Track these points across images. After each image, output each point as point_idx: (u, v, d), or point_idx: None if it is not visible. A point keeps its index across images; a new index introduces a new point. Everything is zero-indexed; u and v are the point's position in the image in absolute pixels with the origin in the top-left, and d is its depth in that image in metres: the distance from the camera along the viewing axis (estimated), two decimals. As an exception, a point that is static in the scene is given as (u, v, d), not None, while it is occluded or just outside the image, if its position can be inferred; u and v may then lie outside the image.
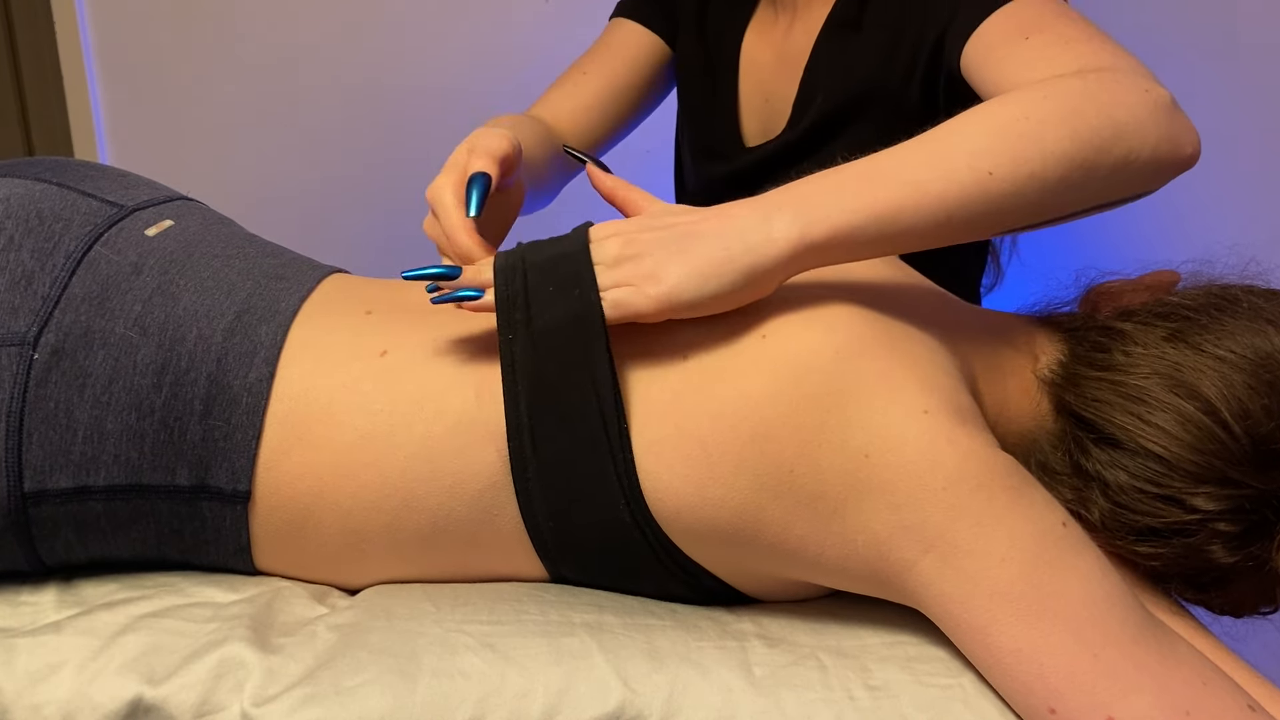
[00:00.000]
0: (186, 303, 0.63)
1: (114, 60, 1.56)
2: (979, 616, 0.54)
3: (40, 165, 0.69)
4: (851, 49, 0.90)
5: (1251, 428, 0.61)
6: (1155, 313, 0.67)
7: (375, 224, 1.63)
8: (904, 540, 0.56)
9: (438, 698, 0.55)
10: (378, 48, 1.59)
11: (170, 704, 0.55)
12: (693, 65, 1.03)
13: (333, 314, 0.66)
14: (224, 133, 1.61)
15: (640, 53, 1.05)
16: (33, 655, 0.56)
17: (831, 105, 0.90)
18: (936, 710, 0.56)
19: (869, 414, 0.56)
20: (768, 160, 0.96)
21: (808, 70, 0.93)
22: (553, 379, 0.60)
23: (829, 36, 0.92)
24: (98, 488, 0.60)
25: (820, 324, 0.59)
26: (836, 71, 0.91)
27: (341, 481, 0.61)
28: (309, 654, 0.57)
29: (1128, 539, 0.63)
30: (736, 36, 1.00)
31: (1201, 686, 0.52)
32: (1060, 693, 0.52)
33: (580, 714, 0.55)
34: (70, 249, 0.63)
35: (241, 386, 0.61)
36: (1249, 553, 0.61)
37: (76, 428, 0.59)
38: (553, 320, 0.60)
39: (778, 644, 0.60)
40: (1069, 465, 0.66)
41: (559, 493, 0.61)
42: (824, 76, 0.92)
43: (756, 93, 1.00)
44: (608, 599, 0.64)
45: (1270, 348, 0.63)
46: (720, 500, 0.58)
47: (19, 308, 0.60)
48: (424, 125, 1.61)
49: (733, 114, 1.00)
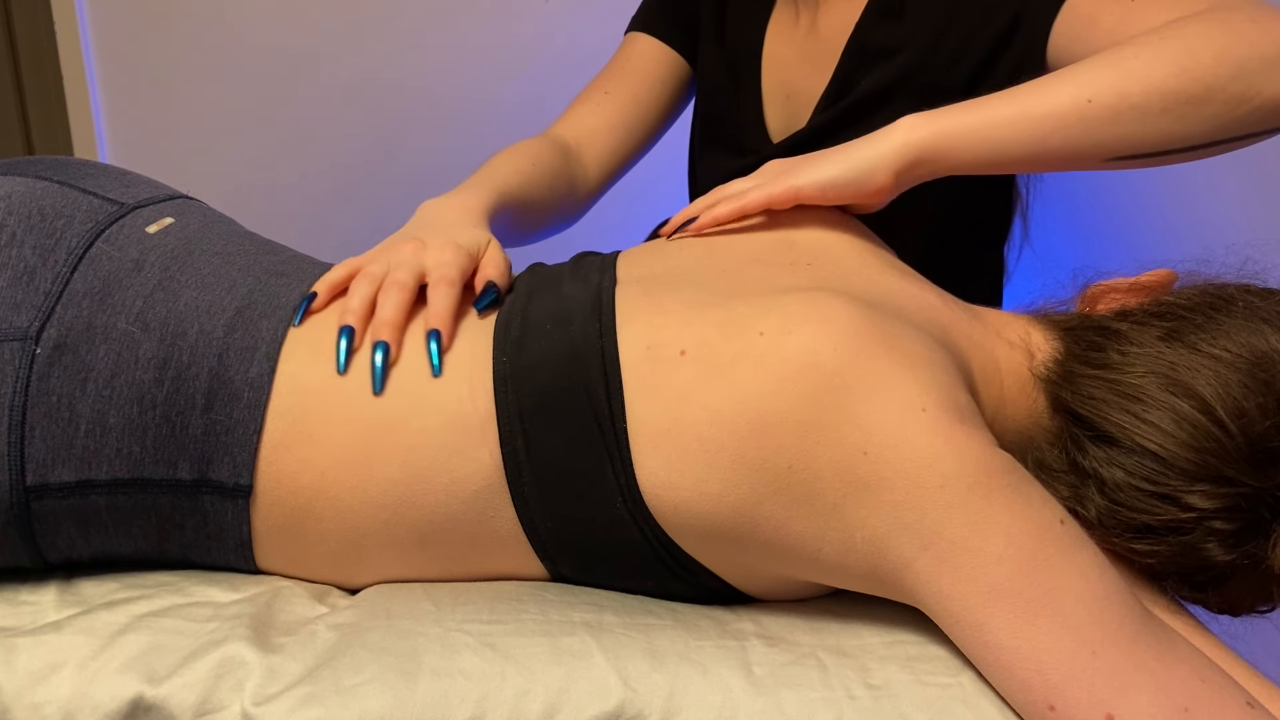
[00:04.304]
0: (188, 298, 0.63)
1: (114, 60, 1.57)
2: (977, 614, 0.55)
3: (41, 164, 0.69)
4: (895, 35, 0.91)
5: (1247, 426, 0.61)
6: (1152, 312, 0.68)
7: (374, 223, 1.63)
8: (902, 538, 0.56)
9: (438, 697, 0.55)
10: (377, 47, 1.59)
11: (171, 703, 0.55)
12: (714, 70, 1.04)
13: (333, 310, 0.66)
14: (223, 132, 1.61)
15: (660, 69, 1.06)
16: (33, 654, 0.56)
17: (873, 90, 0.91)
18: (936, 709, 0.56)
19: (867, 411, 0.56)
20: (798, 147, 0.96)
21: (844, 58, 0.93)
22: (545, 380, 0.60)
23: (870, 24, 0.93)
24: (100, 481, 0.60)
25: (819, 321, 0.59)
26: (879, 58, 0.91)
27: (341, 476, 0.61)
28: (309, 653, 0.57)
29: (1125, 536, 0.63)
30: (757, 37, 1.02)
31: (1200, 684, 0.53)
32: (1059, 690, 0.52)
33: (580, 713, 0.55)
34: (72, 245, 0.63)
35: (243, 381, 0.61)
36: (1245, 551, 0.61)
37: (79, 422, 0.59)
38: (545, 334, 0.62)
39: (778, 643, 0.60)
40: (1066, 463, 0.66)
41: (555, 492, 0.61)
42: (864, 64, 0.92)
43: (779, 90, 1.01)
44: (608, 598, 0.64)
45: (1266, 347, 0.63)
46: (718, 497, 0.58)
47: (21, 303, 0.60)
48: (423, 125, 1.61)
49: (757, 112, 1.01)
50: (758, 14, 1.02)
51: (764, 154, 0.99)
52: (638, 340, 0.61)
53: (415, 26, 1.58)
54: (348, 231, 1.61)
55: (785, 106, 1.00)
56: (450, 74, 1.60)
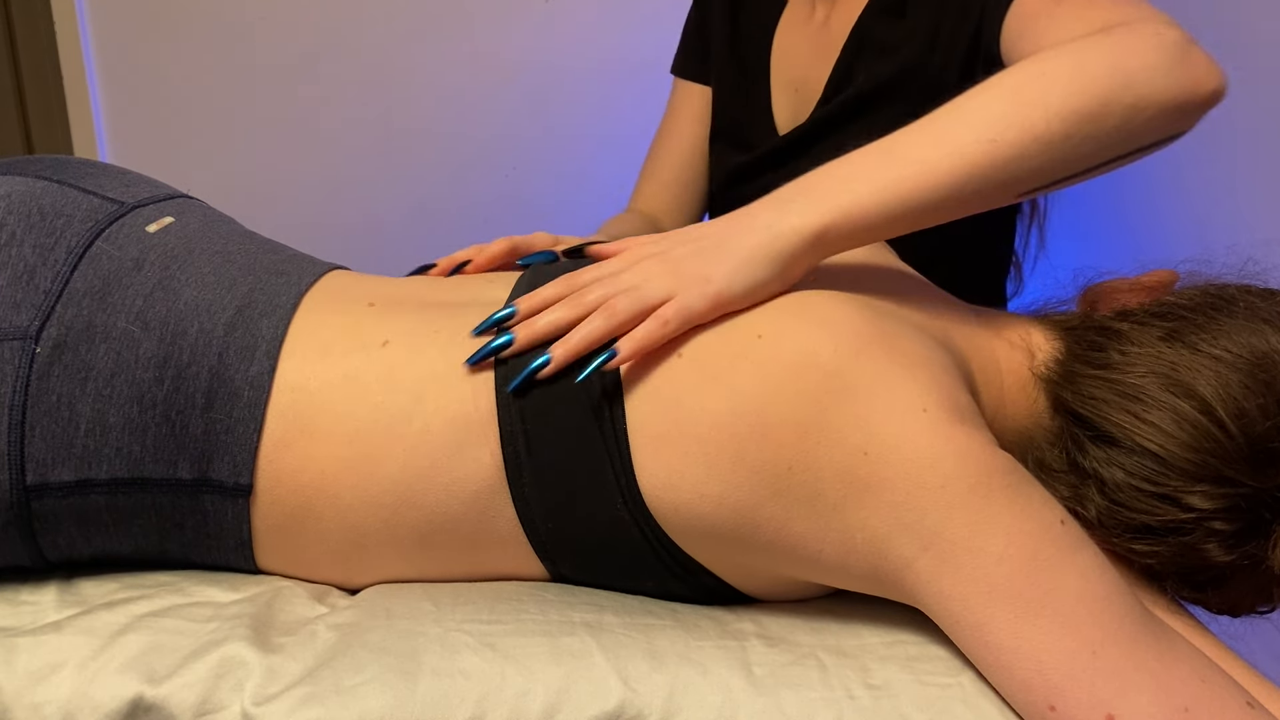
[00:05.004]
0: (188, 297, 0.63)
1: (114, 60, 1.57)
2: (977, 614, 0.55)
3: (40, 163, 0.69)
4: (895, 32, 0.92)
5: (1247, 427, 0.61)
6: (1152, 312, 0.68)
7: (372, 223, 1.63)
8: (902, 538, 0.56)
9: (438, 697, 0.55)
10: (376, 47, 1.59)
11: (171, 703, 0.55)
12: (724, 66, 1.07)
13: (334, 308, 0.66)
14: (223, 132, 1.61)
15: (699, 108, 1.11)
16: (33, 654, 0.56)
17: (870, 85, 0.92)
18: (936, 709, 0.56)
19: (867, 412, 0.56)
20: (799, 140, 0.98)
21: (844, 52, 0.95)
22: (545, 382, 0.60)
23: (871, 20, 0.94)
24: (100, 481, 0.60)
25: (818, 322, 0.59)
26: (877, 53, 0.93)
27: (342, 474, 0.61)
28: (309, 653, 0.57)
29: (1125, 537, 0.63)
30: (768, 31, 1.04)
31: (1200, 684, 0.53)
32: (1060, 690, 0.52)
33: (580, 713, 0.55)
34: (72, 244, 0.63)
35: (243, 380, 0.61)
36: (1245, 551, 0.61)
37: (79, 421, 0.59)
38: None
39: (778, 643, 0.60)
40: (1066, 463, 0.66)
41: (556, 492, 0.61)
42: (862, 58, 0.94)
43: (787, 83, 1.02)
44: (608, 598, 0.64)
45: (1267, 347, 0.63)
46: (718, 497, 0.58)
47: (21, 302, 0.60)
48: (422, 125, 1.61)
49: (765, 104, 1.03)
50: (771, 8, 1.04)
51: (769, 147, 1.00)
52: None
53: (415, 26, 1.59)
54: (348, 231, 1.62)
55: (794, 99, 1.01)
56: (450, 74, 1.61)
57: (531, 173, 1.63)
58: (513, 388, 0.60)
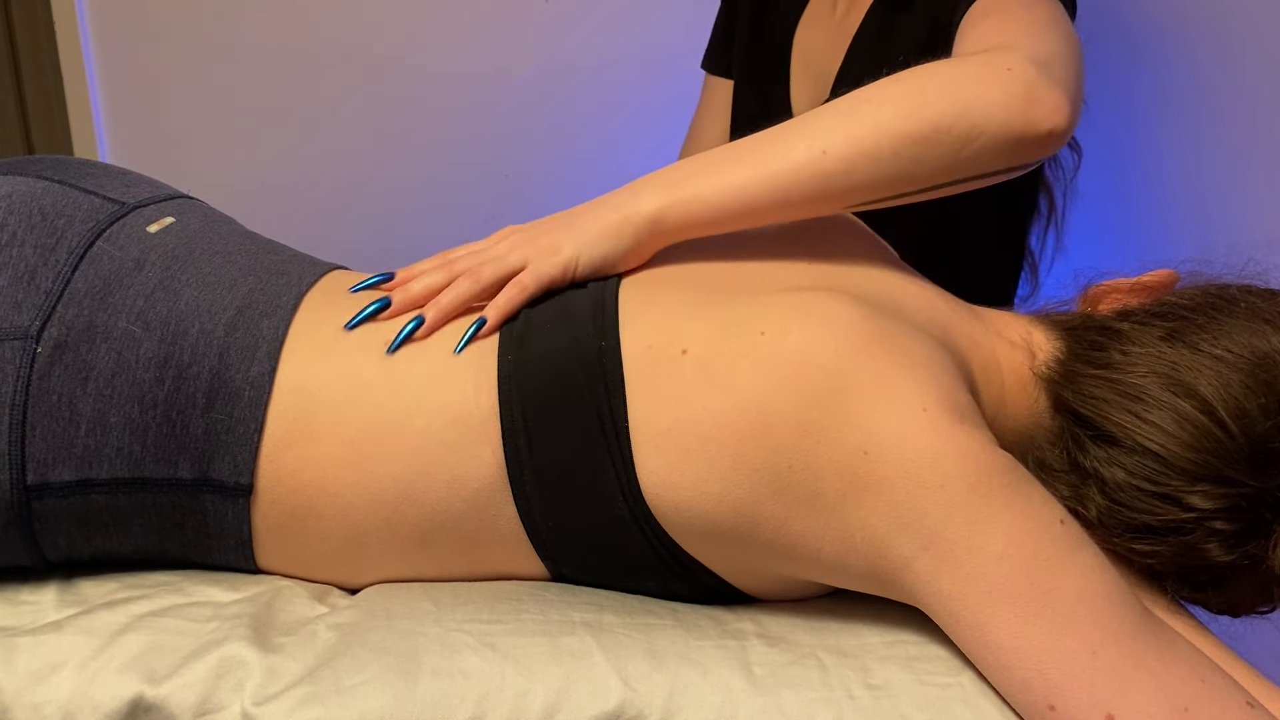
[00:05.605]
0: (189, 298, 0.63)
1: (114, 61, 1.57)
2: (977, 614, 0.55)
3: (41, 163, 0.69)
4: (898, 29, 0.95)
5: (1248, 427, 0.61)
6: (1153, 312, 0.68)
7: (373, 223, 1.63)
8: (902, 537, 0.56)
9: (438, 697, 0.55)
10: (376, 48, 1.59)
11: (171, 703, 0.55)
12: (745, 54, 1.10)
13: (335, 308, 0.66)
14: (223, 133, 1.61)
15: (726, 101, 1.15)
16: (33, 654, 0.56)
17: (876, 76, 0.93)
18: (936, 709, 0.56)
19: (867, 411, 0.56)
20: None
21: (854, 43, 0.98)
22: (547, 378, 0.60)
23: (877, 15, 0.97)
24: (100, 480, 0.60)
25: (818, 321, 0.59)
26: (878, 49, 0.95)
27: (343, 474, 0.61)
28: (309, 653, 0.57)
29: (1125, 536, 0.63)
30: (790, 27, 1.07)
31: (1200, 684, 0.53)
32: (1059, 689, 0.52)
33: (580, 713, 0.55)
34: (73, 244, 0.63)
35: (244, 380, 0.61)
36: (1245, 551, 0.61)
37: (79, 421, 0.59)
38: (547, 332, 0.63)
39: (777, 643, 0.60)
40: (1066, 462, 0.66)
41: (557, 491, 0.61)
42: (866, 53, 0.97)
43: (807, 74, 1.05)
44: (608, 598, 0.64)
45: (1267, 347, 0.63)
46: (718, 496, 0.58)
47: (22, 302, 0.60)
48: (422, 124, 1.61)
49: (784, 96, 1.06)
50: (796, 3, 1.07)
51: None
52: (639, 339, 0.61)
53: (415, 26, 1.59)
54: (348, 231, 1.62)
55: (813, 90, 1.04)
56: (450, 74, 1.61)
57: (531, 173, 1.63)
58: (391, 349, 0.63)
